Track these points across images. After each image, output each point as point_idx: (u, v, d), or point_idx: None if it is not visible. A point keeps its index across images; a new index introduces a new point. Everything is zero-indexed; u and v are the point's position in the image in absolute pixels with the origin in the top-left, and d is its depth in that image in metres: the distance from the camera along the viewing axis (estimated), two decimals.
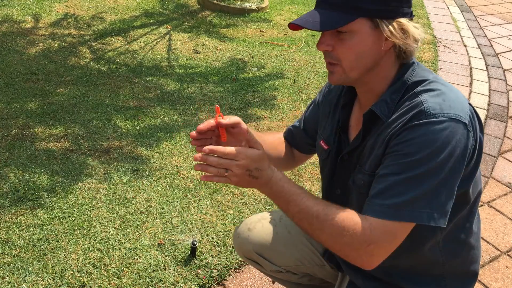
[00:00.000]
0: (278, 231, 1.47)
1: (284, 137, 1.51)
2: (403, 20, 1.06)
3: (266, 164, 1.07)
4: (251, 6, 5.48)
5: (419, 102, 1.05)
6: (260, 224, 1.50)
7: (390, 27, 1.05)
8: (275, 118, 3.25)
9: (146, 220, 2.21)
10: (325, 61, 1.12)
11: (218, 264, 2.02)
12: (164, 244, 2.08)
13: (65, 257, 1.97)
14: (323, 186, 1.38)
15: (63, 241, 2.05)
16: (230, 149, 1.04)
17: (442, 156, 0.99)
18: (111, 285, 1.87)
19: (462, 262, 1.22)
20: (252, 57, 4.28)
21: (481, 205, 2.62)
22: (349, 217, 1.03)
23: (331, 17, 1.05)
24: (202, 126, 1.09)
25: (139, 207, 2.29)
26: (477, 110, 3.67)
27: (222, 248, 2.10)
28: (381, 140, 1.10)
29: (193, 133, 1.10)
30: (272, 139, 1.48)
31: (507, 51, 5.06)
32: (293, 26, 1.08)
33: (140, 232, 2.14)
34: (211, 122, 1.09)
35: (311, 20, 1.05)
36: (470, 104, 1.09)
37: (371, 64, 1.09)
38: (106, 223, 2.17)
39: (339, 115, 1.28)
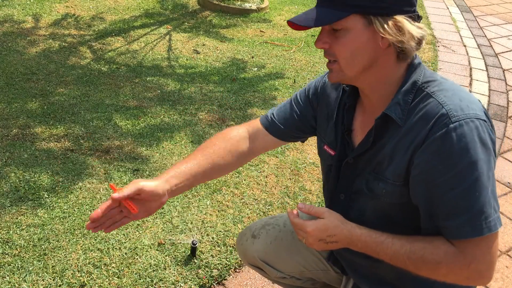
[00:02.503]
0: (282, 237, 1.46)
1: (264, 128, 1.38)
2: (400, 18, 1.03)
3: (338, 229, 1.10)
4: (251, 6, 5.49)
5: (437, 104, 1.03)
6: (265, 231, 1.48)
7: (384, 24, 1.02)
8: None
9: (146, 220, 2.21)
10: (326, 59, 1.13)
11: (218, 264, 2.02)
12: (164, 244, 2.09)
13: (66, 257, 1.97)
14: (325, 190, 1.36)
15: (63, 241, 2.05)
16: (298, 221, 1.12)
17: (482, 156, 0.98)
18: (111, 285, 1.87)
19: None
20: (252, 57, 4.28)
21: None
22: (437, 248, 1.02)
23: (324, 14, 1.05)
24: (94, 214, 1.06)
25: None
26: None
27: (222, 248, 2.10)
28: (403, 148, 1.07)
29: (88, 224, 1.08)
30: (225, 148, 1.32)
31: (507, 51, 5.07)
32: (291, 24, 1.08)
33: (140, 232, 2.14)
34: (105, 204, 1.08)
35: (304, 17, 1.06)
36: (480, 101, 1.09)
37: (367, 62, 1.08)
38: None
39: (342, 118, 1.24)
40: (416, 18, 1.06)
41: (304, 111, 1.35)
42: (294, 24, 1.07)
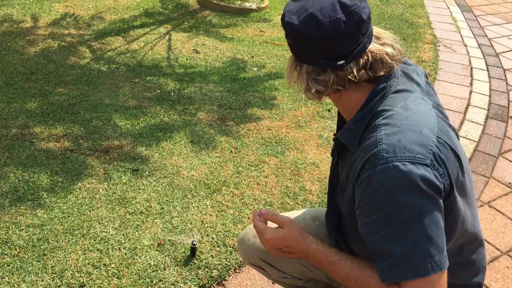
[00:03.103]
0: None
1: None
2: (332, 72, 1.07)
3: (296, 241, 1.11)
4: (251, 6, 5.48)
5: (374, 142, 1.00)
6: None
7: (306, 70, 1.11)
8: (275, 118, 3.25)
9: (146, 220, 2.20)
10: None
11: (218, 264, 2.01)
12: (164, 244, 2.08)
13: (65, 257, 1.97)
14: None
15: (62, 241, 2.04)
16: (258, 226, 1.15)
17: (410, 200, 0.94)
18: (110, 285, 1.86)
19: (463, 278, 1.21)
20: (252, 57, 4.27)
21: (482, 205, 2.62)
22: (380, 282, 1.01)
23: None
24: None
25: (138, 207, 2.28)
26: (478, 110, 3.67)
27: (222, 248, 2.09)
28: (351, 175, 1.08)
29: None
30: None
31: (508, 51, 5.06)
32: None
33: (140, 232, 2.13)
34: None
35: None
36: (440, 138, 1.01)
37: (320, 94, 1.12)
38: (105, 223, 2.16)
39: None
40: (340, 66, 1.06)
41: None
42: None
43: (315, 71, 1.08)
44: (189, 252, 2.03)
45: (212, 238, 2.14)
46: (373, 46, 1.07)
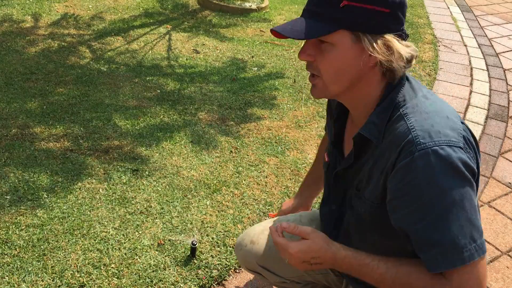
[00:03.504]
0: None
1: None
2: (389, 37, 0.99)
3: (322, 250, 1.05)
4: (251, 5, 5.48)
5: (406, 129, 0.98)
6: (264, 236, 1.47)
7: (373, 42, 0.98)
8: (275, 118, 3.24)
9: (146, 220, 2.20)
10: (308, 71, 1.07)
11: (218, 264, 2.01)
12: (164, 244, 2.08)
13: (65, 257, 1.97)
14: (322, 198, 1.36)
15: (62, 241, 2.04)
16: (281, 241, 1.07)
17: (452, 184, 0.93)
18: (110, 285, 1.86)
19: None
20: (252, 57, 4.27)
21: (482, 205, 2.62)
22: (423, 273, 0.98)
23: (311, 26, 1.00)
24: None
25: (139, 207, 2.28)
26: (478, 110, 3.67)
27: (222, 248, 2.09)
28: (378, 170, 1.04)
29: None
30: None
31: (508, 51, 5.06)
32: (275, 33, 1.03)
33: (140, 232, 2.13)
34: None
35: (290, 28, 1.01)
36: (463, 123, 1.03)
37: (352, 79, 1.03)
38: (105, 223, 2.16)
39: (332, 128, 1.23)
40: (404, 36, 1.03)
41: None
42: (277, 32, 1.02)
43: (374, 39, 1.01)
44: (189, 252, 2.03)
45: (212, 238, 2.14)
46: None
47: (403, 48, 1.00)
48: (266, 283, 1.97)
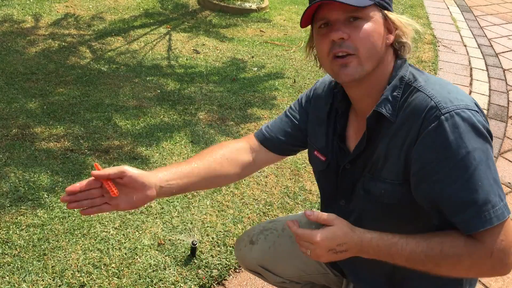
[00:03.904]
0: (281, 242, 1.44)
1: (260, 143, 1.36)
2: (395, 14, 1.08)
3: (349, 235, 1.03)
4: (251, 6, 5.48)
5: (425, 97, 1.01)
6: (263, 236, 1.46)
7: (394, 18, 1.06)
8: (275, 118, 3.25)
9: (146, 220, 2.21)
10: (334, 55, 1.05)
11: (218, 264, 2.02)
12: (164, 244, 2.08)
13: (65, 257, 1.97)
14: (323, 198, 1.34)
15: (63, 241, 2.05)
16: (303, 232, 1.04)
17: (479, 144, 0.96)
18: (111, 285, 1.87)
19: None
20: (252, 57, 4.28)
21: None
22: (456, 240, 0.98)
23: None
24: (71, 187, 1.03)
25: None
26: None
27: (222, 248, 2.10)
28: (396, 146, 1.04)
29: (63, 196, 1.03)
30: (223, 154, 1.28)
31: (507, 51, 5.06)
32: (306, 16, 1.05)
33: (140, 232, 2.14)
34: (86, 180, 1.04)
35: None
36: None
37: (381, 56, 1.06)
38: (106, 223, 2.17)
39: (335, 124, 1.22)
40: None
41: (299, 120, 1.33)
42: (307, 12, 1.04)
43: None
44: (189, 252, 2.04)
45: (212, 238, 2.14)
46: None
47: (407, 21, 1.08)
48: (266, 283, 1.98)
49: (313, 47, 1.17)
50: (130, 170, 1.06)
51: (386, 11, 1.06)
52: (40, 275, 1.87)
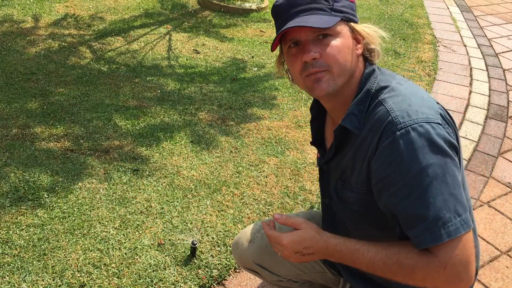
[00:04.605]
0: None
1: None
2: (360, 24, 1.11)
3: (315, 239, 1.07)
4: (251, 6, 5.48)
5: (385, 112, 1.02)
6: (260, 235, 1.48)
7: (360, 30, 1.09)
8: (275, 118, 3.25)
9: (146, 220, 2.21)
10: (306, 74, 1.07)
11: (218, 264, 2.02)
12: (164, 244, 2.08)
13: (65, 257, 1.97)
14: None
15: (63, 241, 2.05)
16: (272, 234, 1.10)
17: (434, 160, 0.96)
18: (111, 285, 1.87)
19: None
20: (252, 57, 4.28)
21: (481, 205, 2.62)
22: (411, 251, 1.00)
23: (322, 19, 1.04)
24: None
25: (139, 207, 2.29)
26: (477, 110, 3.67)
27: (222, 248, 2.10)
28: (360, 157, 1.07)
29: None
30: None
31: (507, 51, 5.06)
32: (291, 30, 1.05)
33: (140, 232, 2.14)
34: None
35: (307, 22, 1.04)
36: (438, 103, 1.07)
37: (353, 68, 1.09)
38: (106, 223, 2.17)
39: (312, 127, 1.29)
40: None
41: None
42: (292, 28, 1.04)
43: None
44: (189, 251, 2.04)
45: (212, 238, 2.14)
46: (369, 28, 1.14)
47: (372, 29, 1.11)
48: (265, 282, 1.98)
49: (283, 63, 1.20)
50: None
51: (352, 23, 1.09)
52: (40, 275, 1.87)
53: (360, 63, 1.11)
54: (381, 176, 1.01)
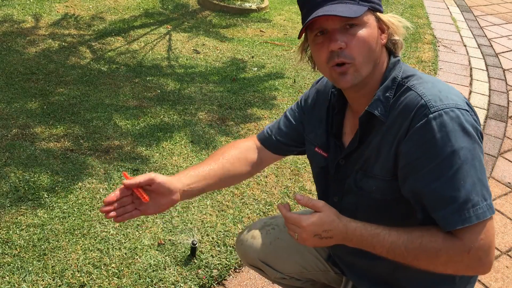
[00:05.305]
0: (282, 237, 1.45)
1: (260, 142, 1.42)
2: (385, 14, 1.11)
3: (335, 223, 1.06)
4: (251, 6, 5.48)
5: (416, 96, 1.04)
6: (264, 231, 1.48)
7: (385, 19, 1.09)
8: (275, 118, 3.25)
9: (146, 220, 2.21)
10: (332, 64, 1.06)
11: (218, 264, 2.02)
12: (164, 244, 2.08)
13: (65, 257, 1.97)
14: (319, 195, 1.36)
15: (63, 241, 2.05)
16: (291, 215, 1.08)
17: (465, 144, 0.98)
18: (111, 285, 1.87)
19: None
20: (252, 57, 4.28)
21: None
22: (435, 235, 1.00)
23: (350, 8, 1.03)
24: (108, 197, 1.08)
25: None
26: (477, 110, 3.67)
27: (222, 248, 2.10)
28: (387, 143, 1.07)
29: (103, 207, 1.08)
30: (234, 155, 1.34)
31: (507, 51, 5.06)
32: (317, 19, 1.04)
33: (140, 232, 2.14)
34: (119, 189, 1.10)
35: (334, 10, 1.02)
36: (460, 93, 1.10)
37: (377, 58, 1.09)
38: (106, 223, 2.17)
39: (332, 121, 1.25)
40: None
41: (297, 120, 1.37)
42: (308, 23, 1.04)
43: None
44: (189, 251, 2.04)
45: (212, 238, 2.14)
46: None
47: (397, 19, 1.11)
48: (266, 282, 1.98)
49: (306, 50, 1.19)
50: (158, 176, 1.12)
51: (378, 13, 1.08)
52: (40, 275, 1.87)
53: (384, 53, 1.12)
54: (411, 158, 1.02)
